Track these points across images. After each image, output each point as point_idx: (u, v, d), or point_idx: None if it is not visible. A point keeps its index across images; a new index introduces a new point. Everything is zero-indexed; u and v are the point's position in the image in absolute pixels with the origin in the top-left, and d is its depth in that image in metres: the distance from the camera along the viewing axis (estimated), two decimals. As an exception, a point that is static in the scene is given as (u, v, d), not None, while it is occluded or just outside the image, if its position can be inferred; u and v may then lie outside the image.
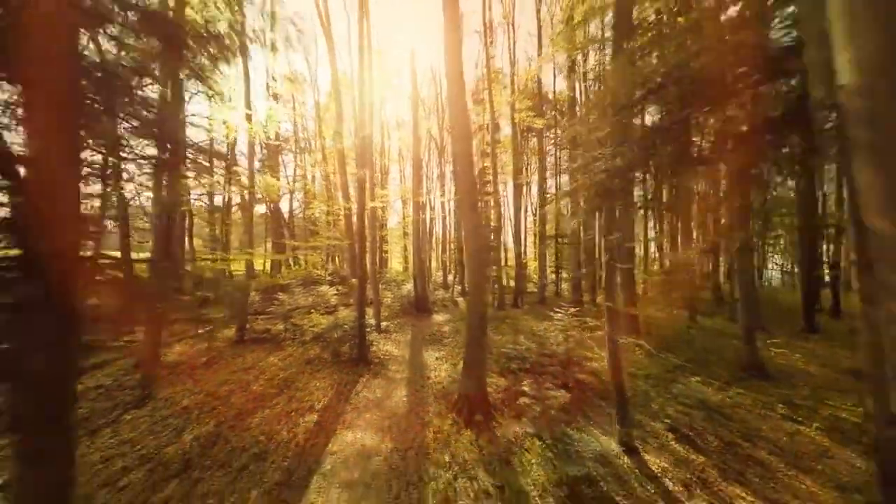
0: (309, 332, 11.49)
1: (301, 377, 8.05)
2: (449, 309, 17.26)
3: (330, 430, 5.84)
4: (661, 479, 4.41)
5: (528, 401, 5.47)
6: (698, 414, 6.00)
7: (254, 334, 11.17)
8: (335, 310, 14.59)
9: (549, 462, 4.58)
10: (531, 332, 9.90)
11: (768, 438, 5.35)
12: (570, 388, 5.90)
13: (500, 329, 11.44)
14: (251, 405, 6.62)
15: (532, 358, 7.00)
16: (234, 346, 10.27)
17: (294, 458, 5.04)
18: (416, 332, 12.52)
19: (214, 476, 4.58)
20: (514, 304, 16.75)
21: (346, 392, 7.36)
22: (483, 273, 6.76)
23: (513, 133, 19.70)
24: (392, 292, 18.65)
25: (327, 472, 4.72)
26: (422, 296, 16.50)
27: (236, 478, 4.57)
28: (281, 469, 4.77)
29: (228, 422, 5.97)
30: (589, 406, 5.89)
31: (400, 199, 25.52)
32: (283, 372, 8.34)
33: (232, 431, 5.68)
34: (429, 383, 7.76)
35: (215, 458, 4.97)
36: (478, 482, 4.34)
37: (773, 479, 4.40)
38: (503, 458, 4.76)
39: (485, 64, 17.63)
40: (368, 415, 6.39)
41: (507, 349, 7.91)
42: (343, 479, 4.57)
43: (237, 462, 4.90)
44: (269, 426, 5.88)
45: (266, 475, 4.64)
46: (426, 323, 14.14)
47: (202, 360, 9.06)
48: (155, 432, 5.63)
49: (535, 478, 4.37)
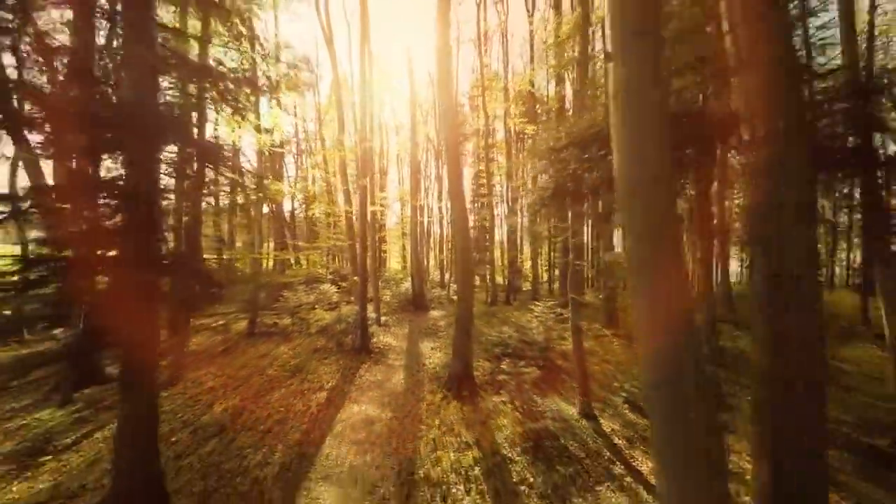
0: (314, 326, 12.60)
1: (310, 363, 9.13)
2: (445, 306, 18.32)
3: (338, 403, 6.94)
4: (610, 437, 5.52)
5: (506, 377, 6.57)
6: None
7: (264, 328, 12.22)
8: (337, 306, 15.69)
9: (518, 423, 5.69)
10: (517, 324, 10.99)
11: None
12: (542, 367, 7.01)
13: (490, 322, 12.53)
14: (268, 385, 7.70)
15: (513, 344, 8.10)
16: (246, 338, 11.33)
17: (310, 423, 6.13)
18: (413, 327, 13.60)
19: (245, 436, 5.67)
20: (506, 301, 17.84)
21: (351, 375, 8.45)
22: (469, 271, 7.86)
23: (506, 137, 20.78)
24: (391, 290, 19.74)
25: (338, 433, 5.81)
26: (419, 293, 17.57)
27: (264, 437, 5.65)
28: (300, 431, 5.86)
29: (251, 398, 7.06)
30: (557, 382, 6.99)
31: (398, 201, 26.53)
32: (293, 359, 9.42)
33: (255, 405, 6.77)
34: (424, 368, 8.85)
35: (244, 424, 6.05)
36: (460, 437, 5.44)
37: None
38: (482, 421, 5.86)
39: (479, 71, 18.70)
40: (371, 393, 7.48)
41: (493, 338, 9.00)
42: (352, 438, 5.66)
43: (262, 426, 5.98)
44: (286, 401, 6.97)
45: (288, 435, 5.73)
46: (423, 318, 15.22)
47: (219, 349, 10.13)
48: (189, 406, 6.71)
49: (507, 434, 5.48)
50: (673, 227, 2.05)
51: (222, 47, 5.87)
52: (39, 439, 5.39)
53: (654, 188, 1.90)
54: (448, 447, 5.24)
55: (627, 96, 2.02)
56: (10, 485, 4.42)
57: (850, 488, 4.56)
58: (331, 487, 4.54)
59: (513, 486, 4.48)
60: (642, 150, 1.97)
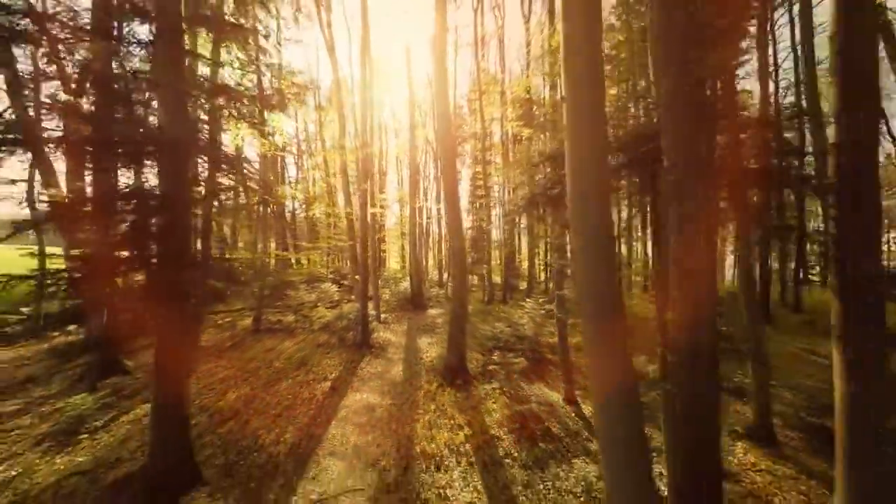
0: (317, 323, 13.21)
1: (314, 357, 9.74)
2: (443, 304, 18.93)
3: (342, 392, 7.55)
4: (589, 419, 6.12)
5: (497, 368, 7.19)
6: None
7: (268, 324, 12.82)
8: (338, 304, 16.31)
9: (507, 407, 6.30)
10: (510, 320, 11.60)
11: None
12: (530, 359, 7.62)
13: (485, 319, 13.14)
14: (276, 376, 8.31)
15: (505, 338, 8.72)
16: (252, 333, 11.93)
17: (316, 408, 6.74)
18: (411, 324, 14.20)
19: (258, 419, 6.27)
20: (502, 300, 18.46)
21: (353, 368, 9.06)
22: (463, 271, 8.48)
23: (503, 139, 21.39)
24: (390, 289, 20.35)
25: (342, 417, 6.42)
26: (418, 292, 18.18)
27: (275, 420, 6.26)
28: (308, 415, 6.47)
29: (261, 387, 7.67)
30: (544, 371, 7.61)
31: (398, 202, 27.10)
32: (298, 353, 10.02)
33: (265, 393, 7.37)
34: (421, 361, 9.46)
35: (256, 409, 6.66)
36: (454, 420, 6.05)
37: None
38: (474, 406, 6.48)
39: (476, 76, 19.30)
40: (372, 383, 8.09)
41: (487, 333, 9.62)
42: (355, 421, 6.27)
43: (273, 411, 6.59)
44: (293, 390, 7.57)
45: (297, 419, 6.34)
46: (421, 316, 15.82)
47: (227, 344, 10.73)
48: (204, 393, 7.30)
49: (496, 417, 6.09)
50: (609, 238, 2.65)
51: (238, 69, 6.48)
52: (73, 422, 5.99)
53: (590, 202, 2.51)
54: (442, 428, 5.86)
55: (572, 132, 2.62)
56: (53, 458, 5.03)
57: (802, 463, 5.16)
58: (337, 461, 5.15)
59: (499, 458, 5.10)
60: (582, 167, 2.58)
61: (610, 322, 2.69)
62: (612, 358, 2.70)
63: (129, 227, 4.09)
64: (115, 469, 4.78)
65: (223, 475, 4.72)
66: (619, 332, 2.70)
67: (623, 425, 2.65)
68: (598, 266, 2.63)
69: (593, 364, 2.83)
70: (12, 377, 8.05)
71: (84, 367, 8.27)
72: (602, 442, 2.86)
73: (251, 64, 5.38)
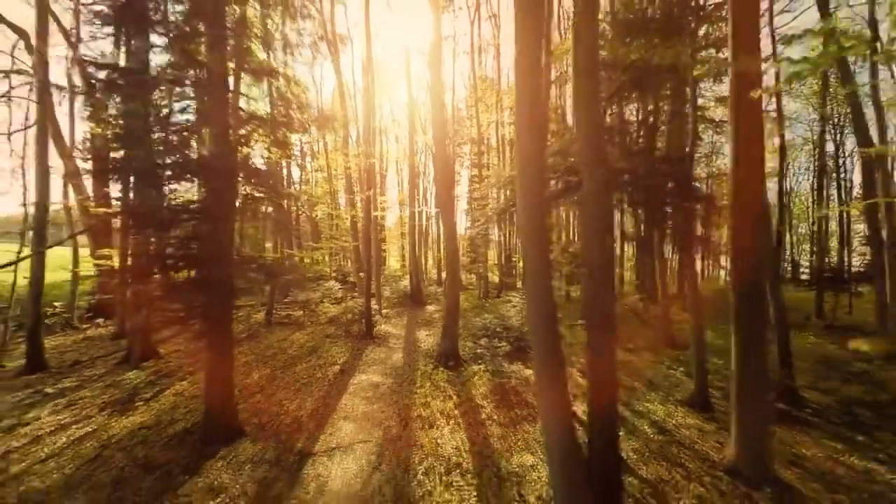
0: (323, 317, 14.48)
1: (323, 346, 11.00)
2: (440, 301, 20.16)
3: (349, 373, 8.80)
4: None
5: (484, 352, 8.44)
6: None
7: (279, 318, 14.08)
8: (342, 300, 17.55)
9: (490, 382, 7.57)
10: (500, 314, 12.84)
11: (644, 375, 8.33)
12: (513, 344, 8.87)
13: (479, 313, 14.40)
14: (292, 361, 9.57)
15: (493, 328, 9.97)
16: (265, 326, 13.20)
17: (328, 385, 8.00)
18: (411, 319, 15.47)
19: (281, 393, 7.53)
20: (497, 296, 19.71)
21: (359, 355, 10.31)
22: (457, 270, 9.74)
23: (499, 143, 22.62)
24: (391, 287, 21.59)
25: (351, 392, 7.68)
26: (417, 289, 19.44)
27: (296, 394, 7.52)
28: (322, 390, 7.73)
29: (279, 369, 8.93)
30: (523, 354, 8.86)
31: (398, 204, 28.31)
32: (308, 343, 11.29)
33: (284, 374, 8.63)
34: (419, 349, 10.72)
35: (278, 385, 7.92)
36: (445, 392, 7.32)
37: (634, 393, 7.39)
38: (463, 382, 7.74)
39: (473, 84, 20.55)
40: (375, 367, 9.34)
41: (479, 324, 10.89)
42: (362, 395, 7.53)
43: (293, 387, 7.85)
44: (308, 371, 8.83)
45: (313, 393, 7.59)
46: (420, 312, 17.08)
47: (244, 335, 12.00)
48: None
49: (481, 390, 7.36)
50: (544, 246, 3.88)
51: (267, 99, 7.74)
52: (128, 394, 7.27)
53: (532, 213, 3.74)
54: (436, 398, 7.12)
55: (521, 167, 3.86)
56: (119, 419, 6.29)
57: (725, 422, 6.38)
58: (349, 423, 6.40)
59: (480, 419, 6.35)
60: (525, 186, 3.81)
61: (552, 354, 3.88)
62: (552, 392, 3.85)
63: (181, 233, 5.35)
64: (173, 425, 6.05)
65: (259, 430, 5.98)
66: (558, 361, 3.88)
67: (558, 448, 3.78)
68: (540, 278, 3.87)
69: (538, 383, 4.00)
70: (61, 361, 9.32)
71: (122, 352, 9.55)
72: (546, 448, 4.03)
73: (280, 99, 6.54)
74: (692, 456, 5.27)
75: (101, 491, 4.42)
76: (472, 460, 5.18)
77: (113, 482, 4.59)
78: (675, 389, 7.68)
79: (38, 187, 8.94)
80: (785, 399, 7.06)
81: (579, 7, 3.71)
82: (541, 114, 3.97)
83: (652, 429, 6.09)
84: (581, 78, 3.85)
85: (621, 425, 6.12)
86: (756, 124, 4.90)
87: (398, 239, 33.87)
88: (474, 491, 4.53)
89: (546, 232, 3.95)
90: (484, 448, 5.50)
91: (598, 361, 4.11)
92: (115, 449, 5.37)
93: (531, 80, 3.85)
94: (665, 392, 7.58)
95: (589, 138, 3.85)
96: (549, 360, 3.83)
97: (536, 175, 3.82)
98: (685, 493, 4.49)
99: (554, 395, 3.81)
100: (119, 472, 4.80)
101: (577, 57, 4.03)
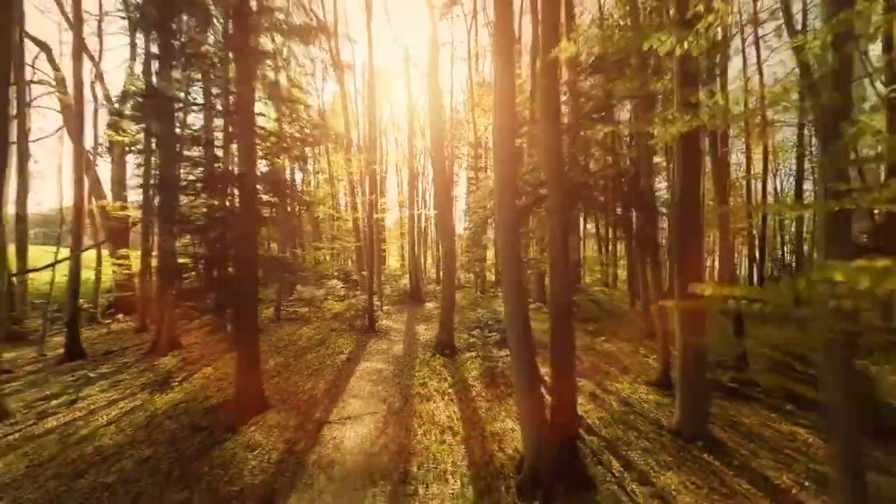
0: (328, 313, 15.57)
1: (330, 338, 12.10)
2: (439, 299, 21.21)
3: (355, 361, 9.90)
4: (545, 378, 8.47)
5: (476, 341, 9.56)
6: (584, 353, 10.09)
7: (286, 314, 15.18)
8: (345, 298, 18.63)
9: (481, 366, 8.68)
10: (493, 309, 13.94)
11: (621, 362, 9.45)
12: (502, 334, 9.97)
13: (474, 309, 15.49)
14: (302, 351, 10.67)
15: (485, 321, 11.07)
16: (274, 321, 14.29)
17: (337, 371, 9.10)
18: (410, 315, 16.57)
19: (297, 376, 8.63)
20: (493, 293, 20.82)
21: (363, 346, 11.41)
22: (453, 269, 10.85)
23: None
24: (391, 285, 22.67)
25: (358, 376, 8.78)
26: (416, 287, 20.54)
27: (309, 377, 8.61)
28: (332, 374, 8.83)
29: (292, 357, 10.03)
30: (513, 344, 9.98)
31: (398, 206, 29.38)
32: (316, 336, 12.39)
33: (296, 362, 9.73)
34: (418, 341, 11.82)
35: (292, 371, 9.01)
36: (441, 375, 8.43)
37: (608, 375, 8.49)
38: (457, 367, 8.85)
39: (469, 90, 21.62)
40: (378, 356, 10.44)
41: (473, 318, 12.00)
42: (367, 379, 8.63)
43: (306, 372, 8.94)
44: (318, 360, 9.93)
45: (324, 376, 8.69)
46: (419, 308, 18.18)
47: (267, 324, 13.09)
48: (250, 362, 9.64)
49: (473, 373, 8.47)
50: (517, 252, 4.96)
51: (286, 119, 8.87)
52: (162, 377, 8.36)
53: (508, 227, 4.83)
54: (432, 380, 8.23)
55: (498, 188, 4.95)
56: (160, 396, 7.38)
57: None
58: (358, 399, 7.50)
59: (472, 397, 7.46)
60: (502, 204, 4.90)
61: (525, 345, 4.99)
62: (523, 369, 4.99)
63: (214, 238, 6.45)
64: (208, 400, 7.15)
65: (281, 404, 7.08)
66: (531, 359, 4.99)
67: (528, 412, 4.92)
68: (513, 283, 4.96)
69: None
70: (94, 351, 10.42)
71: (147, 344, 10.65)
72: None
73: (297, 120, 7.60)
74: (646, 421, 6.39)
75: (161, 446, 5.53)
76: (462, 425, 6.29)
77: (168, 440, 5.69)
78: (645, 373, 8.78)
79: (76, 193, 10.02)
80: (738, 380, 8.17)
81: (543, 65, 4.75)
82: (513, 150, 5.08)
83: (617, 402, 7.20)
84: (542, 122, 4.95)
85: (591, 401, 7.25)
86: (695, 148, 6.00)
87: (398, 239, 34.95)
88: (463, 446, 5.63)
89: (518, 241, 5.06)
90: (472, 417, 6.60)
91: (559, 341, 5.19)
92: (163, 417, 6.47)
93: (507, 119, 4.94)
94: (635, 375, 8.68)
95: (551, 164, 4.95)
96: (521, 345, 4.93)
97: (509, 197, 4.93)
98: (634, 447, 5.59)
99: (524, 371, 4.91)
100: (171, 432, 5.91)
101: (542, 100, 5.07)
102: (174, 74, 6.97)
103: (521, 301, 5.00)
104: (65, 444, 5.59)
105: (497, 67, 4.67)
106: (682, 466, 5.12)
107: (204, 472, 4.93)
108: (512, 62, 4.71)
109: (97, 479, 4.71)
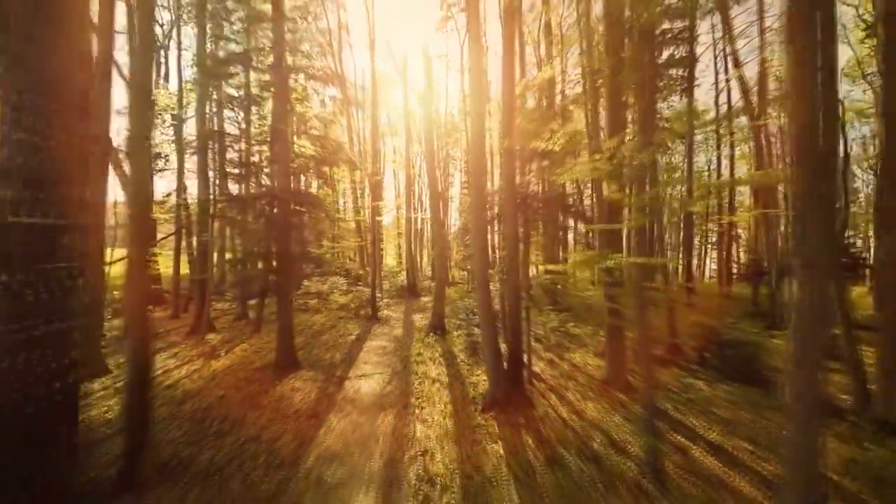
0: (334, 304, 17.87)
1: (339, 324, 14.42)
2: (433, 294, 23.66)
3: (363, 340, 12.24)
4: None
5: (463, 323, 11.92)
6: (553, 334, 12.47)
7: (297, 306, 17.41)
8: (348, 292, 20.94)
9: (465, 341, 11.05)
10: (481, 300, 16.36)
11: (582, 341, 11.83)
12: (485, 318, 12.34)
13: (464, 300, 17.86)
14: (318, 333, 12.98)
15: (472, 309, 13.41)
16: (288, 311, 16.56)
17: (349, 347, 11.43)
18: (408, 307, 18.90)
19: (318, 349, 10.94)
20: (484, 289, 23.20)
21: (368, 329, 13.74)
22: (444, 266, 13.23)
23: (489, 150, 26.06)
24: (389, 281, 24.98)
25: (366, 350, 11.11)
26: (412, 283, 22.89)
27: (327, 351, 10.93)
28: (345, 349, 11.16)
29: (309, 337, 12.34)
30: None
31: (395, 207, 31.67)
32: (327, 322, 14.71)
33: (314, 340, 12.05)
34: (415, 327, 14.16)
35: (314, 345, 11.33)
36: (433, 348, 10.79)
37: (568, 350, 10.86)
38: (446, 342, 11.22)
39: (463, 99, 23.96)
40: (382, 337, 12.77)
41: (462, 307, 14.35)
42: (374, 352, 10.96)
43: (324, 347, 11.27)
44: (332, 339, 12.25)
45: (339, 350, 11.02)
46: (416, 302, 20.53)
47: (273, 317, 15.35)
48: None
49: (459, 347, 10.84)
50: (485, 253, 7.25)
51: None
52: (209, 350, 10.63)
53: (479, 234, 7.12)
54: (426, 351, 10.58)
55: (473, 197, 7.25)
56: (214, 362, 9.66)
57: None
58: (368, 365, 9.82)
59: (457, 362, 9.81)
60: (474, 215, 7.20)
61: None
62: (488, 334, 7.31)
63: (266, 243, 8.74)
64: (251, 365, 9.45)
65: (310, 367, 9.39)
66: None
67: (491, 362, 7.28)
68: (483, 281, 7.29)
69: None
70: (143, 333, 12.66)
71: (186, 328, 12.92)
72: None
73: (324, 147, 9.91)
74: (585, 376, 8.76)
75: (229, 389, 7.83)
76: (447, 379, 8.64)
77: (233, 386, 8.00)
78: (596, 347, 11.15)
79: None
80: (670, 351, 10.55)
81: (503, 149, 7.09)
82: (483, 181, 7.42)
83: (568, 366, 9.57)
84: (503, 157, 7.27)
85: (549, 366, 9.61)
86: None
87: (395, 238, 37.24)
88: (447, 390, 7.98)
89: (486, 245, 7.40)
90: (456, 373, 8.96)
91: (513, 313, 7.52)
92: (222, 375, 8.77)
93: (478, 161, 7.27)
94: (592, 349, 11.05)
95: (508, 187, 7.28)
96: (486, 315, 7.30)
97: (480, 212, 7.27)
98: (570, 390, 7.96)
99: (489, 333, 7.26)
100: (233, 382, 8.21)
101: (504, 165, 7.42)
102: (226, 113, 9.25)
103: (487, 288, 7.37)
104: (159, 388, 7.88)
105: (471, 123, 7.00)
106: (599, 400, 7.48)
107: (266, 402, 7.24)
108: (483, 116, 7.04)
109: (196, 405, 7.02)
